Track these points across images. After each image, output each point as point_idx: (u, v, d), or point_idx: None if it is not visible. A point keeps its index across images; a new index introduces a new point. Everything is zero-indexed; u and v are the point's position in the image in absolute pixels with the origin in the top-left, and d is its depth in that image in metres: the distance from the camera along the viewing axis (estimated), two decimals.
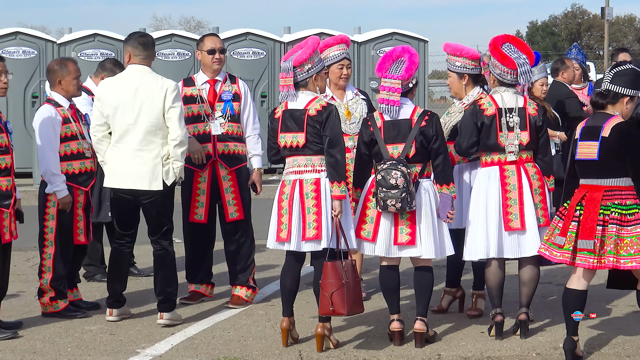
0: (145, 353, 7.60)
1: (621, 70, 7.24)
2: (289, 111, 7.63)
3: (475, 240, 7.90)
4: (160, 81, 8.19)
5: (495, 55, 7.98)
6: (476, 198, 7.96)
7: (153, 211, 8.27)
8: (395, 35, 21.09)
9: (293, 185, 7.58)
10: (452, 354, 7.54)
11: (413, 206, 7.49)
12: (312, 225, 7.49)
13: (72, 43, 20.02)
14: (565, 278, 9.94)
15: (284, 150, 7.64)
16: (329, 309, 7.43)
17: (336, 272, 7.43)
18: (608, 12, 59.03)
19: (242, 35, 20.58)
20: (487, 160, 7.96)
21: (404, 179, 7.44)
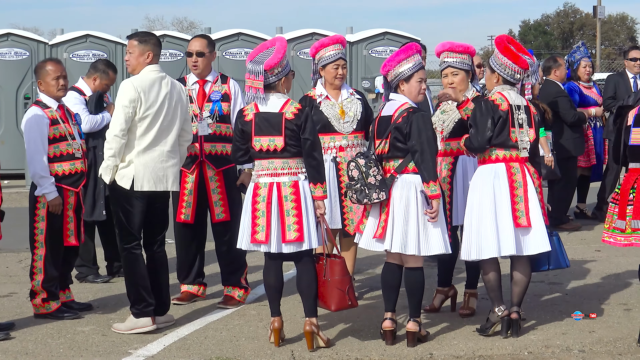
0: (137, 354, 7.59)
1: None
2: (262, 114, 7.62)
3: (484, 239, 7.82)
4: (177, 82, 8.28)
5: (507, 55, 7.92)
6: (481, 196, 7.86)
7: (163, 214, 8.30)
8: (387, 35, 21.07)
9: (270, 188, 7.58)
10: (444, 353, 7.55)
11: (374, 199, 7.50)
12: (293, 227, 7.51)
13: (64, 44, 19.99)
14: (557, 277, 10.02)
15: (259, 153, 7.62)
16: (347, 303, 7.60)
17: (345, 269, 7.61)
18: (600, 10, 59.17)
19: (234, 36, 20.56)
20: (492, 156, 7.91)
21: (357, 171, 7.51)
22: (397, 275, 7.76)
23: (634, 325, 8.27)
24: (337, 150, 8.75)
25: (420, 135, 7.48)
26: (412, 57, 7.74)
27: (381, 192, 7.52)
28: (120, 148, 7.98)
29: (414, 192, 7.55)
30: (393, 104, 7.73)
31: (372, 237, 7.68)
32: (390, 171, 7.61)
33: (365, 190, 7.52)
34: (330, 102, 8.83)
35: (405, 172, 7.59)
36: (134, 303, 8.12)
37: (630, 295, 9.26)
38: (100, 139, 9.89)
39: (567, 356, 7.45)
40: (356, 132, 8.82)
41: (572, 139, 12.87)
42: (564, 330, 8.13)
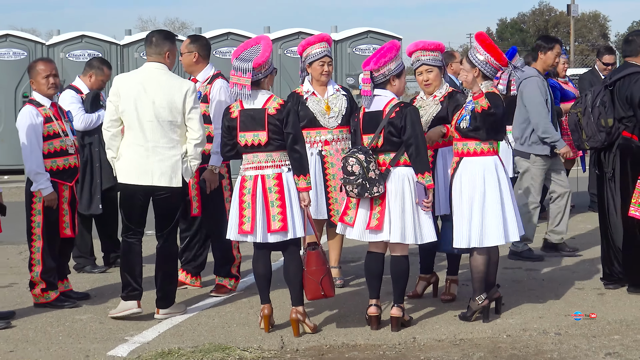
0: (133, 340, 7.59)
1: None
2: (246, 111, 7.62)
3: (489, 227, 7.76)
4: (178, 82, 8.06)
5: (490, 51, 7.89)
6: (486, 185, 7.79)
7: (165, 208, 8.17)
8: (370, 33, 21.08)
9: (255, 181, 7.59)
10: (426, 337, 7.56)
11: (375, 192, 7.50)
12: (277, 217, 7.52)
13: (61, 44, 19.96)
14: (535, 263, 10.05)
15: (244, 148, 7.62)
16: (320, 293, 7.57)
17: (322, 259, 7.59)
18: (574, 9, 59.31)
19: (224, 35, 20.55)
20: (491, 149, 7.88)
21: (359, 166, 7.48)
22: (380, 264, 7.77)
23: (607, 308, 8.30)
24: (322, 144, 8.76)
25: (415, 129, 7.51)
26: (399, 55, 7.78)
27: (380, 186, 7.52)
28: (109, 140, 8.06)
29: (407, 184, 7.56)
30: (381, 100, 7.71)
31: (365, 229, 7.66)
32: (384, 164, 7.62)
33: (367, 185, 7.49)
34: (317, 98, 8.85)
35: (397, 165, 7.61)
36: (122, 287, 8.18)
37: None
38: (96, 136, 9.90)
39: (544, 339, 7.46)
40: (341, 127, 8.84)
41: None
42: (540, 314, 8.16)
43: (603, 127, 8.60)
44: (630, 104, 8.52)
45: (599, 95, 8.66)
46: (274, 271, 8.01)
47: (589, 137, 8.69)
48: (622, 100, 8.58)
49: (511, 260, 10.23)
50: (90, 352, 7.28)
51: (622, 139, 8.60)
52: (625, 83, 8.60)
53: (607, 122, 8.59)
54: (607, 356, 7.00)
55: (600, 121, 8.60)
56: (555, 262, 10.24)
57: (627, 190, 8.56)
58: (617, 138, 8.61)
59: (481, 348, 7.26)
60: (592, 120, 8.63)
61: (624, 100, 8.57)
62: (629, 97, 8.53)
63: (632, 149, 8.57)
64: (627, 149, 8.58)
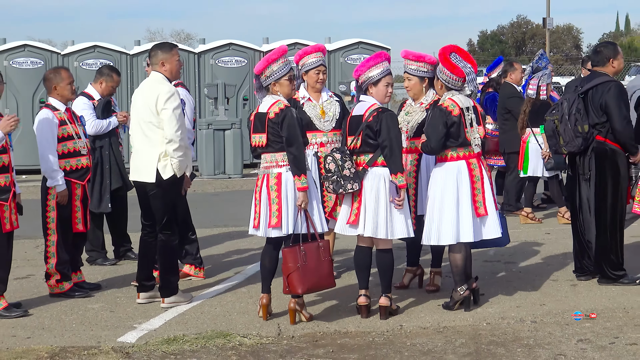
0: (141, 328, 7.58)
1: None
2: (257, 114, 7.67)
3: (445, 227, 7.77)
4: (156, 86, 8.09)
5: (445, 65, 7.90)
6: (443, 189, 7.81)
7: (156, 202, 8.16)
8: (361, 44, 21.07)
9: (262, 179, 7.64)
10: (412, 325, 7.55)
11: (348, 189, 7.53)
12: (275, 214, 7.52)
13: (75, 54, 19.92)
14: (513, 257, 10.04)
15: (254, 148, 7.71)
16: (285, 289, 7.50)
17: (293, 257, 7.46)
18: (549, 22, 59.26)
19: (225, 46, 20.52)
20: (454, 155, 7.88)
21: (334, 164, 7.56)
22: (368, 257, 7.76)
23: (580, 298, 8.31)
24: (318, 146, 8.75)
25: (389, 132, 7.51)
26: (381, 63, 7.76)
27: (355, 183, 7.55)
28: None
29: (383, 183, 7.56)
30: (363, 105, 7.75)
31: (345, 223, 7.70)
32: (362, 164, 7.64)
33: (341, 182, 7.55)
34: (312, 103, 8.85)
35: (375, 165, 7.61)
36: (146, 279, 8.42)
37: None
38: (106, 140, 9.92)
39: (521, 326, 7.46)
40: (335, 130, 8.83)
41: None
42: (517, 304, 8.15)
43: (580, 132, 8.59)
44: (604, 112, 8.53)
45: (574, 103, 8.65)
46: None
47: (567, 143, 8.68)
48: (596, 108, 8.57)
49: (490, 254, 10.23)
50: (102, 339, 7.27)
51: (596, 142, 8.60)
52: (598, 91, 8.59)
53: (584, 128, 8.59)
54: (579, 342, 7.00)
55: (577, 127, 8.59)
56: (532, 255, 10.23)
57: (605, 189, 8.58)
58: (592, 142, 8.62)
59: (463, 335, 7.25)
60: (570, 127, 8.61)
61: (597, 108, 8.56)
62: (603, 105, 8.53)
63: (607, 151, 8.57)
64: (602, 151, 8.59)
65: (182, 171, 8.14)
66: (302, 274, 7.44)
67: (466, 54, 8.08)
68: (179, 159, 8.05)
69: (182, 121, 8.09)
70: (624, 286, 8.66)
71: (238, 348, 7.01)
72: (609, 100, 8.50)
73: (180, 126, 8.02)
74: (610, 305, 8.04)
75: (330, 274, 7.69)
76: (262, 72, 7.65)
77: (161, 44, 8.43)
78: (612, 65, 8.75)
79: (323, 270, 7.57)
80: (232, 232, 11.98)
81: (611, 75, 8.71)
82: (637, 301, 8.16)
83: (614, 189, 8.60)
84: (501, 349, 6.88)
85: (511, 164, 12.95)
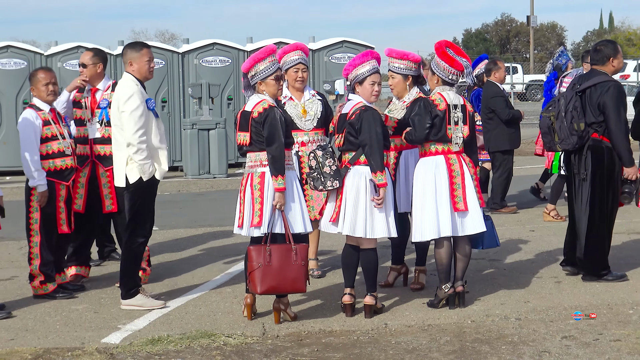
0: (125, 328, 7.55)
1: None
2: (243, 112, 7.65)
3: (426, 222, 7.80)
4: (119, 88, 8.06)
5: (444, 59, 7.91)
6: (424, 184, 7.86)
7: (126, 204, 8.18)
8: (345, 43, 21.06)
9: (247, 178, 7.61)
10: (397, 323, 7.55)
11: (329, 186, 7.55)
12: (257, 213, 7.49)
13: (58, 55, 19.86)
14: (497, 254, 10.05)
15: (240, 147, 7.68)
16: (256, 289, 7.42)
17: (255, 255, 7.41)
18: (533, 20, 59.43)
19: (209, 45, 20.49)
20: (432, 150, 7.90)
21: (315, 161, 7.58)
22: (355, 255, 7.75)
23: (564, 295, 8.33)
24: (299, 145, 8.74)
25: (370, 130, 7.50)
26: (369, 62, 7.76)
27: (335, 180, 7.55)
28: None
29: (364, 181, 7.57)
30: (350, 103, 7.76)
31: (328, 221, 7.71)
32: (345, 162, 7.64)
33: (321, 179, 7.56)
34: (294, 102, 8.85)
35: (357, 164, 7.61)
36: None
37: (560, 270, 9.27)
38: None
39: (505, 324, 7.47)
40: (316, 129, 8.83)
41: (508, 134, 12.92)
42: (502, 301, 8.16)
43: (575, 130, 8.59)
44: (602, 111, 8.53)
45: (571, 101, 8.65)
46: None
47: (562, 140, 8.67)
48: (594, 107, 8.57)
49: (475, 252, 10.23)
50: (86, 340, 7.24)
51: (592, 140, 8.60)
52: (596, 91, 8.57)
53: (580, 126, 8.58)
54: (563, 339, 7.01)
55: (573, 125, 8.59)
56: (516, 253, 10.25)
57: (599, 187, 8.60)
58: (587, 141, 8.62)
59: (447, 333, 7.26)
60: (565, 124, 8.61)
61: (595, 107, 8.56)
62: (601, 105, 8.53)
63: (603, 149, 8.58)
64: (598, 150, 8.59)
65: (147, 174, 7.98)
66: (263, 273, 7.35)
67: (458, 49, 8.13)
68: (140, 162, 7.91)
69: (144, 123, 7.94)
70: (607, 283, 8.69)
71: (223, 348, 6.99)
72: (608, 101, 8.50)
73: (140, 128, 7.89)
74: (594, 302, 8.06)
75: (299, 278, 7.44)
76: (249, 70, 7.63)
77: (132, 44, 8.35)
78: (612, 64, 8.74)
79: (290, 273, 7.39)
80: (216, 232, 11.96)
81: (610, 75, 8.71)
82: (620, 298, 8.19)
83: (608, 187, 8.60)
84: (486, 346, 6.89)
85: (496, 163, 12.99)
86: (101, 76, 9.19)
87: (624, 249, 10.27)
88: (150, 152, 7.98)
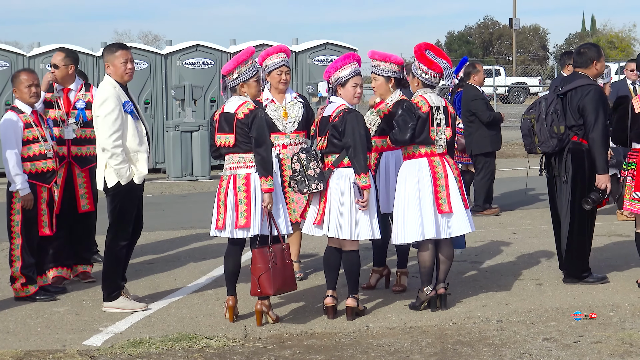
0: (107, 331, 7.53)
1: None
2: (223, 114, 7.63)
3: (410, 225, 7.82)
4: (97, 92, 8.06)
5: (422, 61, 7.94)
6: (406, 187, 7.86)
7: (107, 209, 8.14)
8: (328, 45, 21.06)
9: (229, 180, 7.59)
10: (379, 325, 7.56)
11: (313, 189, 7.55)
12: (242, 215, 7.50)
13: (41, 56, 19.79)
14: (479, 256, 10.08)
15: (221, 148, 7.64)
16: (257, 290, 7.45)
17: (263, 258, 7.43)
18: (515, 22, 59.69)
19: (192, 47, 20.45)
20: (415, 152, 7.91)
21: (299, 164, 7.59)
22: (337, 258, 7.76)
23: (545, 297, 8.36)
24: (280, 148, 8.74)
25: (354, 132, 7.51)
26: (350, 64, 7.77)
27: (319, 183, 7.55)
28: None
29: (348, 183, 7.57)
30: (332, 106, 7.76)
31: (312, 224, 7.71)
32: (329, 165, 7.64)
33: (305, 181, 7.56)
34: (275, 105, 8.85)
35: (341, 166, 7.62)
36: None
37: (542, 272, 9.34)
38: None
39: (487, 326, 7.49)
40: (297, 132, 8.82)
41: (489, 136, 12.95)
42: (483, 303, 8.18)
43: (555, 133, 8.61)
44: (581, 115, 8.56)
45: (552, 104, 8.67)
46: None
47: (542, 142, 8.69)
48: (574, 110, 8.59)
49: (457, 254, 10.24)
50: (67, 342, 7.22)
51: (572, 143, 8.62)
52: (577, 94, 8.60)
53: (560, 129, 8.60)
54: (544, 341, 7.03)
55: (553, 128, 8.61)
56: (498, 255, 10.28)
57: (579, 190, 8.62)
58: (567, 143, 8.64)
59: (429, 335, 7.27)
60: (546, 127, 8.63)
61: (575, 111, 8.58)
62: (581, 108, 8.55)
63: (583, 152, 8.59)
64: (578, 152, 8.60)
65: (125, 178, 7.94)
66: (273, 275, 7.42)
67: (440, 50, 8.14)
68: (116, 167, 7.87)
69: (119, 127, 7.87)
70: (588, 285, 8.73)
71: (204, 350, 6.98)
72: (587, 104, 8.52)
73: (114, 133, 7.83)
74: (575, 304, 8.09)
75: (294, 277, 7.64)
76: (230, 72, 7.61)
77: (109, 45, 8.30)
78: (595, 67, 8.76)
79: (288, 272, 7.55)
80: (199, 234, 11.94)
81: (592, 78, 8.74)
82: (601, 300, 8.22)
83: (588, 190, 8.61)
84: (467, 348, 6.90)
85: (478, 165, 13.02)
86: (73, 77, 9.26)
87: (605, 251, 10.32)
88: (126, 156, 7.94)
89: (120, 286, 8.19)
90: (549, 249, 10.16)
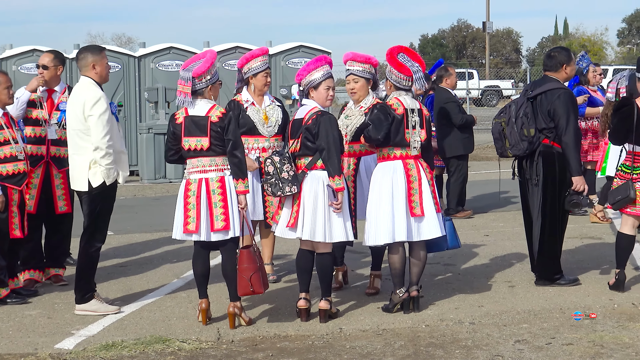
0: (79, 334, 7.49)
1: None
2: (190, 117, 7.59)
3: (381, 226, 7.84)
4: (82, 92, 7.99)
5: (393, 64, 7.97)
6: (380, 188, 7.88)
7: (84, 207, 8.11)
8: (302, 47, 21.07)
9: (199, 183, 7.55)
10: (352, 328, 7.56)
11: (287, 192, 7.54)
12: (220, 217, 7.49)
13: (13, 58, 19.66)
14: (452, 259, 10.10)
15: (187, 152, 7.59)
16: (249, 289, 7.48)
17: (252, 258, 7.50)
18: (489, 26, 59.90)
19: (166, 49, 20.40)
20: (390, 154, 7.92)
21: (272, 167, 7.57)
22: (310, 260, 7.76)
23: (517, 300, 8.39)
24: (260, 151, 8.74)
25: (327, 135, 7.51)
26: (322, 67, 7.78)
27: (293, 186, 7.55)
28: None
29: (322, 186, 7.57)
30: (305, 108, 7.76)
31: (285, 226, 7.70)
32: (302, 167, 7.64)
33: (279, 184, 7.55)
34: (256, 107, 8.83)
35: (314, 169, 7.62)
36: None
37: (514, 274, 9.37)
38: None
39: (459, 328, 7.51)
40: (277, 136, 8.83)
41: (461, 139, 12.99)
42: (456, 306, 8.20)
43: (525, 136, 8.64)
44: (552, 118, 8.59)
45: (522, 107, 8.70)
46: (211, 268, 7.95)
47: (512, 146, 8.73)
48: (544, 114, 8.62)
49: (430, 256, 10.27)
50: (39, 345, 7.18)
51: (543, 146, 8.65)
52: (547, 97, 8.63)
53: (530, 132, 8.63)
54: (516, 343, 7.06)
55: (523, 131, 8.64)
56: (471, 257, 10.30)
57: (550, 192, 8.65)
58: (538, 146, 8.67)
59: (402, 337, 7.28)
60: (516, 130, 8.67)
61: (545, 114, 8.61)
62: (551, 112, 8.58)
63: (554, 155, 8.62)
64: (549, 155, 8.63)
65: (111, 178, 7.96)
66: (262, 274, 7.54)
67: (414, 53, 8.15)
68: (106, 166, 7.88)
69: (110, 127, 7.91)
70: (560, 287, 8.77)
71: (177, 353, 6.96)
72: (558, 108, 8.55)
73: (107, 132, 7.86)
74: (547, 306, 8.13)
75: (266, 277, 7.73)
76: (201, 75, 7.58)
77: (90, 47, 8.30)
78: (564, 71, 8.80)
79: (263, 271, 7.63)
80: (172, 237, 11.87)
81: (562, 82, 8.78)
82: (573, 302, 8.26)
83: (559, 192, 8.66)
84: (440, 350, 6.92)
85: (451, 168, 13.07)
86: (59, 79, 9.26)
87: (577, 254, 10.37)
88: (115, 156, 7.97)
89: (94, 288, 8.16)
90: (521, 251, 10.21)
